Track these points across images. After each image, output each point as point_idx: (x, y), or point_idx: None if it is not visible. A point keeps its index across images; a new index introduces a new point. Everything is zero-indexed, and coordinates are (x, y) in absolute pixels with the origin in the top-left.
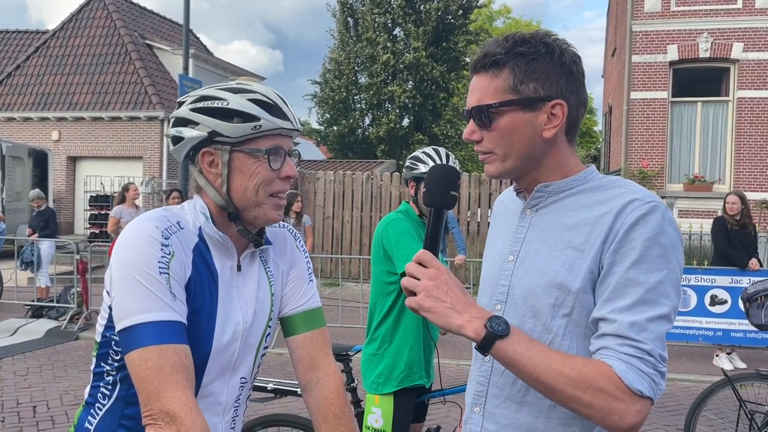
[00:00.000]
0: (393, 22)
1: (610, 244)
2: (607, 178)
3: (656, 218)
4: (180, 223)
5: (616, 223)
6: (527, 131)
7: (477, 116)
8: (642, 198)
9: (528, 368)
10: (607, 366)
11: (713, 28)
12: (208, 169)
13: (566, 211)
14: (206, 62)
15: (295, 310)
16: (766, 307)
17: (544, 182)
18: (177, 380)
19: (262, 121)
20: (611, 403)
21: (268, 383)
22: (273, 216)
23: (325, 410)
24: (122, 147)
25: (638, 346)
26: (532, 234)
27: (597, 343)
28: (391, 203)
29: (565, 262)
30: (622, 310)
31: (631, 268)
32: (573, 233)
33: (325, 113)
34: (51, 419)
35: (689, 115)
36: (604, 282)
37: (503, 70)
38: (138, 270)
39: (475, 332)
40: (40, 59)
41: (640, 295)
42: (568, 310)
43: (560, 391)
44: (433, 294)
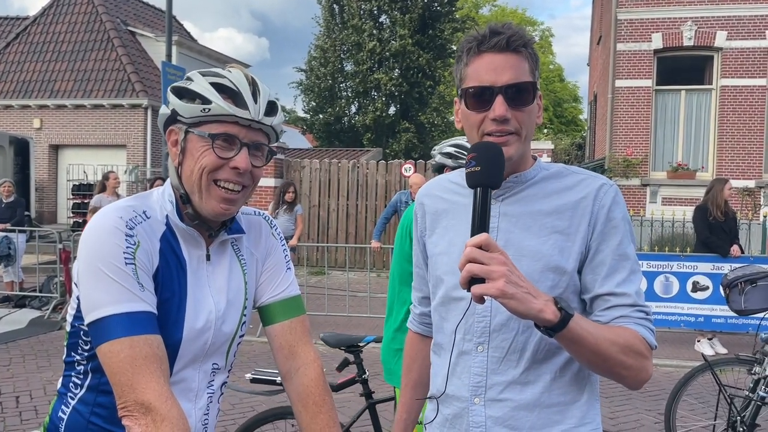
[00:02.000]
0: (379, 9)
1: (594, 226)
2: (554, 167)
3: (621, 198)
4: (146, 212)
5: (595, 206)
6: (537, 115)
7: (516, 93)
8: (606, 182)
9: (590, 342)
10: (634, 331)
11: (697, 16)
12: (171, 148)
13: (536, 198)
14: (190, 49)
15: (273, 298)
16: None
17: (519, 171)
18: (150, 371)
19: (212, 105)
20: (643, 362)
21: (276, 376)
22: (215, 207)
23: (305, 398)
24: (105, 135)
25: (643, 310)
26: (507, 223)
27: (611, 313)
28: (377, 192)
29: (555, 246)
30: (623, 282)
31: (620, 245)
32: (554, 219)
33: (311, 101)
34: (34, 409)
35: (673, 103)
36: (595, 260)
37: (527, 54)
38: (103, 261)
39: (554, 314)
40: (21, 46)
41: (630, 266)
42: (561, 290)
43: (612, 358)
44: (512, 279)
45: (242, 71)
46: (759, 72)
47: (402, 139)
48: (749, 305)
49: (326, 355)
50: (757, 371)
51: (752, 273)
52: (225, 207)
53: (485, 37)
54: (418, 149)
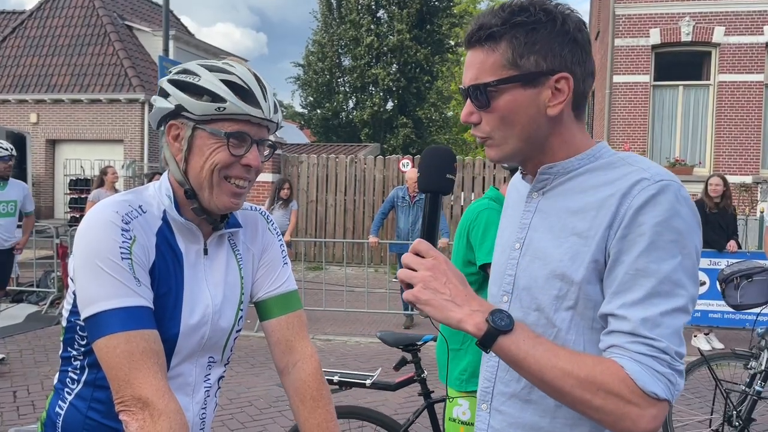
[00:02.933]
0: (376, 4)
1: (616, 230)
2: (617, 155)
3: (668, 198)
4: (143, 206)
5: (621, 206)
6: (530, 110)
7: (474, 96)
8: (651, 177)
9: (533, 367)
10: (619, 366)
11: (695, 11)
12: (172, 142)
13: (571, 193)
14: (187, 44)
15: (269, 293)
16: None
17: (548, 162)
18: (147, 366)
19: (227, 103)
20: (624, 408)
21: (333, 375)
22: (225, 202)
23: (302, 393)
24: (102, 130)
25: (652, 344)
26: (537, 220)
27: (607, 340)
28: (375, 187)
29: (569, 251)
30: (632, 304)
31: (641, 256)
32: (577, 219)
33: (309, 96)
34: (32, 404)
35: (671, 98)
36: (612, 273)
37: (500, 44)
38: (99, 256)
39: (475, 327)
40: (18, 40)
41: (651, 286)
42: (572, 302)
43: (567, 393)
44: (431, 285)
45: (245, 66)
46: (757, 68)
47: (400, 134)
48: (745, 300)
49: (383, 353)
50: (753, 366)
51: (748, 268)
52: (235, 201)
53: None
54: (416, 144)
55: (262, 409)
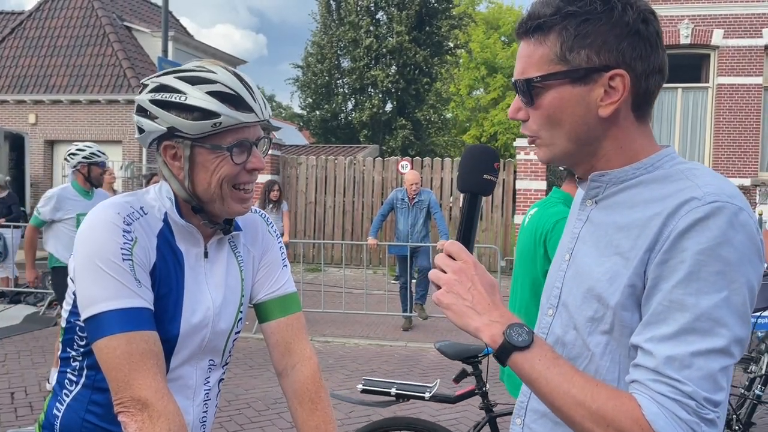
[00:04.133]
0: (376, 5)
1: (657, 254)
2: (679, 166)
3: (718, 224)
4: (144, 208)
5: (666, 228)
6: (578, 109)
7: (521, 91)
8: (703, 196)
9: (544, 390)
10: (636, 405)
11: (694, 14)
12: (171, 162)
13: (622, 207)
14: (186, 45)
15: (269, 295)
16: None
17: (601, 170)
18: (147, 367)
19: (222, 117)
20: None
21: (391, 387)
22: (236, 209)
23: (300, 395)
24: (101, 131)
25: (676, 387)
26: (586, 231)
27: (631, 374)
28: (374, 188)
29: (609, 271)
30: (661, 339)
31: (678, 287)
32: (623, 236)
33: (308, 97)
34: (29, 405)
35: (669, 101)
36: (648, 301)
37: (549, 36)
38: (101, 257)
39: (491, 339)
40: (16, 41)
41: (685, 322)
42: (607, 326)
43: (577, 423)
44: (454, 289)
45: (222, 67)
46: (755, 70)
47: (398, 135)
48: None
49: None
50: (753, 370)
51: None
52: (246, 206)
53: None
54: (415, 146)
55: (261, 411)
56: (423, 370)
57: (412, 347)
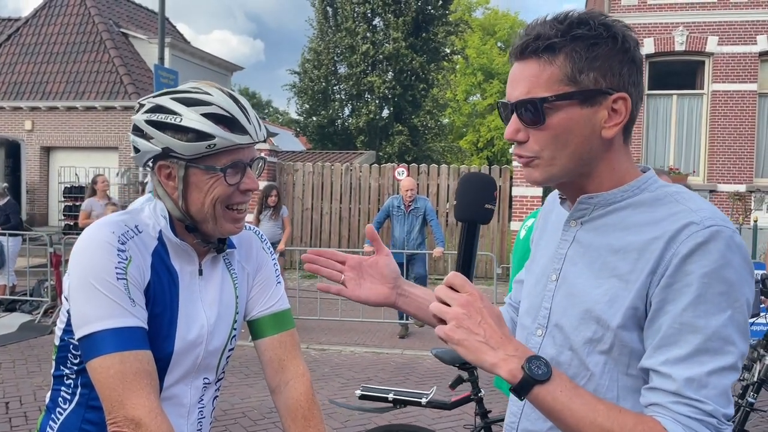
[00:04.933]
0: (372, 12)
1: (660, 278)
2: (665, 189)
3: (718, 247)
4: (138, 226)
5: (667, 252)
6: (585, 130)
7: (525, 111)
8: (701, 221)
9: (569, 420)
10: (661, 428)
11: (689, 21)
12: (165, 182)
13: (614, 229)
14: (183, 51)
15: (263, 312)
16: None
17: (593, 191)
18: (140, 386)
19: (216, 139)
20: None
21: (388, 393)
22: (229, 229)
23: (294, 412)
24: (97, 137)
25: (698, 407)
26: (575, 252)
27: (649, 397)
28: (370, 195)
29: (607, 293)
30: (676, 361)
31: (687, 309)
32: (619, 259)
33: (305, 103)
34: (24, 415)
35: (665, 107)
36: (654, 324)
37: (559, 56)
38: (95, 276)
39: (510, 374)
40: (12, 47)
41: (698, 343)
42: (606, 346)
43: None
44: (465, 324)
45: (218, 88)
46: (750, 77)
47: (395, 141)
48: None
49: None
50: (745, 377)
51: None
52: (239, 226)
53: (514, 40)
54: (412, 152)
55: (256, 420)
56: (419, 378)
57: (408, 355)
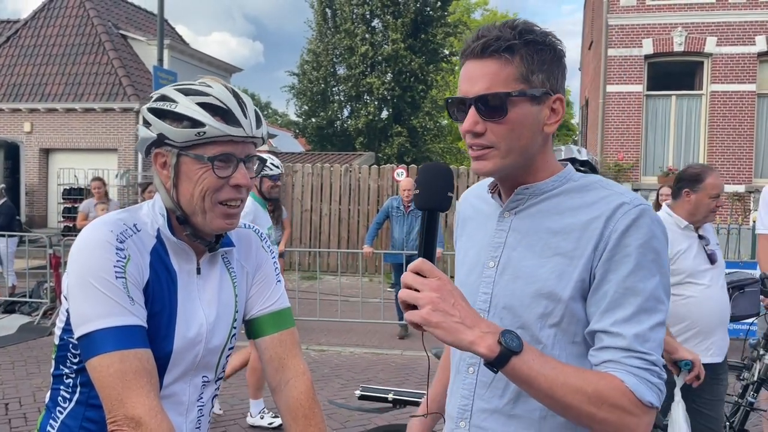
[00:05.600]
0: (371, 13)
1: (602, 252)
2: (587, 178)
3: (647, 222)
4: (137, 225)
5: (606, 229)
6: (534, 126)
7: (486, 106)
8: (630, 201)
9: (543, 386)
10: (619, 380)
11: (687, 22)
12: (160, 170)
13: (549, 214)
14: (182, 53)
15: (263, 311)
16: (734, 299)
17: (528, 183)
18: (140, 385)
19: (206, 127)
20: (624, 418)
21: (387, 393)
22: (219, 224)
23: (294, 411)
24: (96, 139)
25: (645, 358)
26: (513, 239)
27: (600, 355)
28: (369, 196)
29: (554, 270)
30: (624, 321)
31: (629, 276)
32: (560, 239)
33: (304, 105)
34: (24, 416)
35: (664, 108)
36: (599, 291)
37: (516, 57)
38: (94, 275)
39: (488, 349)
40: (11, 49)
41: (639, 304)
42: (557, 319)
43: (575, 408)
44: (440, 307)
45: (222, 84)
46: (748, 77)
47: (394, 143)
48: (737, 311)
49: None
50: (745, 377)
51: (740, 279)
52: (230, 222)
53: (468, 42)
54: (411, 153)
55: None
56: (419, 378)
57: (408, 355)
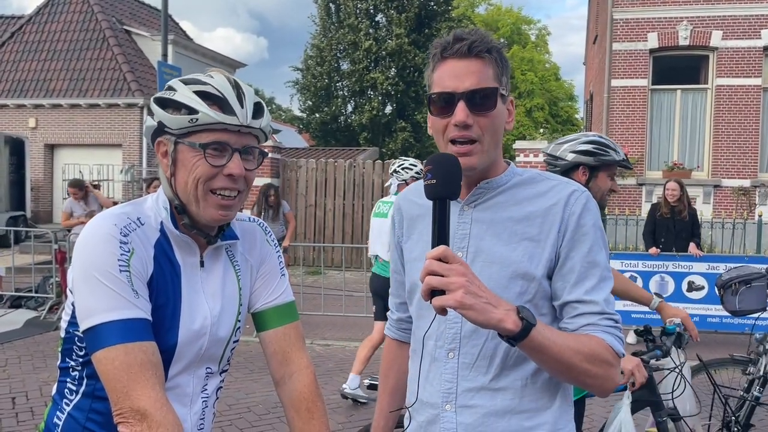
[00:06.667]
0: (375, 8)
1: (564, 233)
2: (528, 172)
3: (592, 205)
4: (140, 219)
5: (565, 213)
6: (503, 122)
7: (476, 100)
8: (578, 188)
9: (554, 350)
10: (600, 339)
11: (693, 15)
12: (162, 159)
13: (507, 206)
14: (186, 48)
15: (267, 305)
16: (741, 294)
17: (489, 177)
18: (146, 378)
19: (199, 114)
20: (609, 370)
21: None
22: (213, 214)
23: (298, 404)
24: (101, 134)
25: (612, 318)
26: (478, 229)
27: (578, 321)
28: (374, 191)
29: (525, 253)
30: (593, 290)
31: (590, 252)
32: (524, 226)
33: (307, 100)
34: (30, 410)
35: (669, 102)
36: (565, 267)
37: (492, 59)
38: (98, 269)
39: (514, 324)
40: (16, 45)
41: (600, 274)
42: (530, 296)
43: (576, 366)
44: (471, 290)
45: (225, 75)
46: (754, 71)
47: (398, 138)
48: (743, 306)
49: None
50: (751, 371)
51: (746, 274)
52: (223, 213)
53: (449, 43)
54: (415, 148)
55: (261, 415)
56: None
57: None
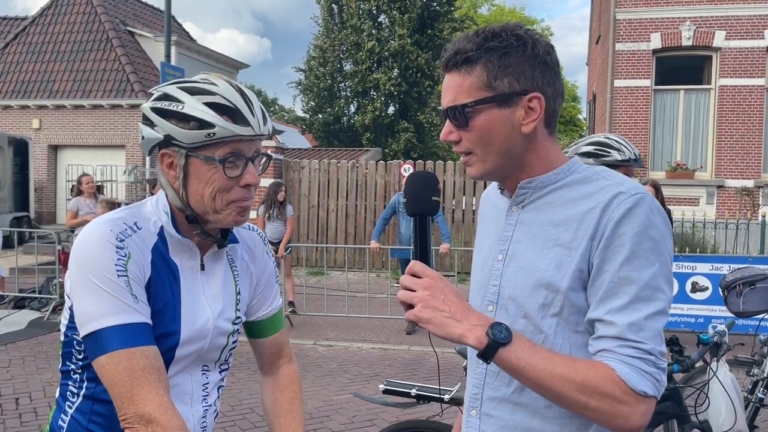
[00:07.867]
0: (378, 9)
1: (599, 242)
2: (591, 170)
3: (643, 210)
4: (138, 223)
5: (602, 219)
6: (505, 128)
7: (453, 116)
8: (627, 190)
9: (532, 375)
10: (610, 369)
11: (696, 16)
12: (167, 171)
13: (552, 207)
14: (189, 49)
15: (266, 315)
16: (745, 295)
17: (530, 176)
18: (149, 382)
19: (216, 128)
20: (616, 407)
21: (411, 388)
22: (232, 220)
23: (284, 386)
24: (104, 135)
25: (638, 347)
26: (519, 232)
27: (596, 345)
28: (377, 192)
29: (553, 261)
30: (618, 310)
31: (624, 265)
32: (560, 230)
33: (310, 101)
34: (34, 411)
35: (672, 103)
36: (596, 281)
37: (476, 67)
38: (95, 274)
39: (477, 341)
40: (20, 46)
41: (634, 293)
42: (557, 309)
43: (565, 396)
44: (430, 304)
45: (225, 80)
46: (757, 72)
47: (401, 138)
48: (747, 307)
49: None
50: (755, 373)
51: (750, 275)
52: (242, 218)
53: (442, 55)
54: (417, 149)
55: (264, 416)
56: (426, 374)
57: (415, 351)
